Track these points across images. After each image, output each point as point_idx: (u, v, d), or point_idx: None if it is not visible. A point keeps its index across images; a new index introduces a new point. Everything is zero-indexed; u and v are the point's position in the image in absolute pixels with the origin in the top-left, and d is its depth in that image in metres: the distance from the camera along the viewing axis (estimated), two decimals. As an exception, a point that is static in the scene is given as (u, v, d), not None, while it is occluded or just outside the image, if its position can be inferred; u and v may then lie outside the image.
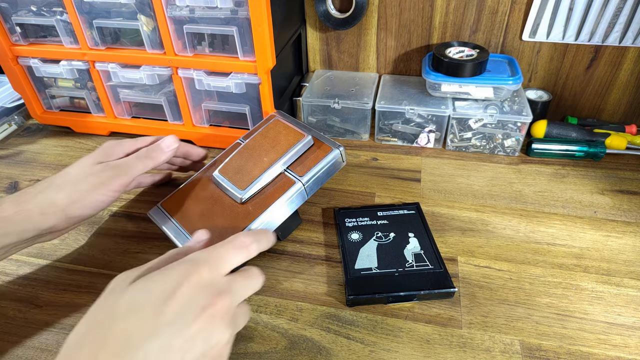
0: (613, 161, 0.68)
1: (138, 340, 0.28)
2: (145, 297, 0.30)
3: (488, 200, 0.61)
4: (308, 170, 0.51)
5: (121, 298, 0.30)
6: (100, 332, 0.29)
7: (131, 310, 0.29)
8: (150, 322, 0.29)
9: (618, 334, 0.44)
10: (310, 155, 0.53)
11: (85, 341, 0.29)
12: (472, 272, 0.51)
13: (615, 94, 0.75)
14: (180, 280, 0.31)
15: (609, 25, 0.69)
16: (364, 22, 0.78)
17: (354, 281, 0.48)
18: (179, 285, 0.30)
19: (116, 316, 0.29)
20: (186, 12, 0.61)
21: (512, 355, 0.42)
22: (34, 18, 0.66)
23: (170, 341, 0.29)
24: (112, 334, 0.28)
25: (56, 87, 0.75)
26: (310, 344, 0.43)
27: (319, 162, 0.52)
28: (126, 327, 0.29)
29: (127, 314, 0.29)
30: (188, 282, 0.31)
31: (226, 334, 0.32)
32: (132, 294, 0.30)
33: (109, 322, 0.29)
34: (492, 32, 0.74)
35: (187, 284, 0.31)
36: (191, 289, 0.31)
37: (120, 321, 0.29)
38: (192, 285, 0.31)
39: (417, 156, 0.70)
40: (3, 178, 0.67)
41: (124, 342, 0.28)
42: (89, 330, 0.30)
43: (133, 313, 0.29)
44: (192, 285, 0.31)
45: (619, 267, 0.51)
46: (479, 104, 0.70)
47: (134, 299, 0.30)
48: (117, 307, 0.30)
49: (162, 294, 0.30)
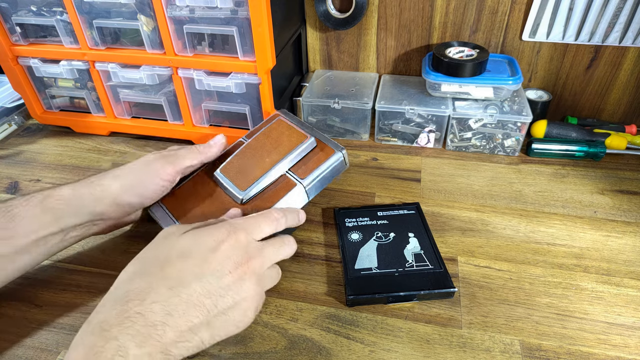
0: (613, 161, 0.68)
1: (187, 280, 0.34)
2: (196, 247, 0.36)
3: (488, 200, 0.61)
4: (310, 172, 0.51)
5: (176, 245, 0.36)
6: (156, 269, 0.35)
7: (183, 256, 0.35)
8: (197, 267, 0.35)
9: (618, 334, 0.44)
10: (312, 157, 0.52)
11: (143, 274, 0.35)
12: (472, 272, 0.51)
13: (615, 94, 0.75)
14: (222, 238, 0.37)
15: (609, 25, 0.69)
16: (364, 22, 0.78)
17: (354, 281, 0.48)
18: (221, 242, 0.37)
19: (171, 258, 0.35)
20: (186, 12, 0.61)
21: (512, 355, 0.42)
22: (34, 18, 0.66)
23: (210, 285, 0.35)
24: (167, 272, 0.34)
25: (56, 87, 0.75)
26: (310, 344, 0.43)
27: (322, 164, 0.51)
28: (179, 268, 0.35)
29: (180, 258, 0.35)
30: (228, 241, 0.37)
31: (252, 290, 0.37)
32: (184, 242, 0.36)
33: (165, 262, 0.35)
34: (492, 32, 0.74)
35: (228, 242, 0.37)
36: (230, 247, 0.37)
37: (175, 263, 0.35)
38: (231, 244, 0.37)
39: (417, 156, 0.70)
40: (3, 178, 0.67)
41: (176, 279, 0.34)
42: (147, 267, 0.35)
43: (185, 258, 0.35)
44: (231, 244, 0.37)
45: (619, 267, 0.51)
46: (479, 104, 0.70)
47: (186, 246, 0.36)
48: (173, 251, 0.36)
49: (208, 247, 0.36)
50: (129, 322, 0.31)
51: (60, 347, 0.44)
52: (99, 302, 0.48)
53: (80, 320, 0.46)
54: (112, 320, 0.31)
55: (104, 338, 0.30)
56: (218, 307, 0.35)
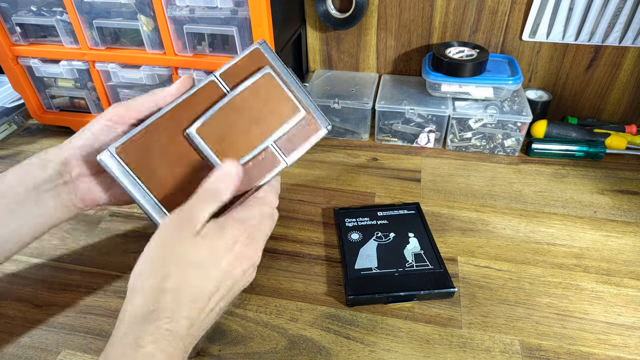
0: (613, 161, 0.68)
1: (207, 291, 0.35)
2: (212, 259, 0.36)
3: (488, 200, 0.61)
4: (295, 150, 0.47)
5: (191, 253, 0.36)
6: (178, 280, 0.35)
7: (201, 267, 0.36)
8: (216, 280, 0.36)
9: (618, 334, 0.44)
10: (299, 132, 0.47)
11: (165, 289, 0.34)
12: (472, 272, 0.51)
13: (615, 94, 0.75)
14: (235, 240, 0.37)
15: (609, 25, 0.69)
16: (364, 22, 0.78)
17: (354, 281, 0.48)
18: (234, 244, 0.37)
19: (188, 269, 0.35)
20: (186, 12, 0.61)
21: (512, 355, 0.42)
22: (34, 18, 0.66)
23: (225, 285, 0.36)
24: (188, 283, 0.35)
25: (56, 87, 0.75)
26: (310, 344, 0.43)
27: (307, 142, 0.47)
28: (199, 282, 0.35)
29: (198, 269, 0.35)
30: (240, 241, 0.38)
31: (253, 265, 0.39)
32: (201, 253, 0.36)
33: (184, 274, 0.35)
34: (492, 32, 0.74)
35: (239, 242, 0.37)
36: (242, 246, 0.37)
37: (194, 275, 0.35)
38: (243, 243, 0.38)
39: (417, 156, 0.70)
40: (3, 178, 0.67)
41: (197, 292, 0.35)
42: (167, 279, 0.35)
43: (204, 270, 0.36)
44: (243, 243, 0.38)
45: (619, 267, 0.51)
46: (479, 104, 0.70)
47: (203, 258, 0.36)
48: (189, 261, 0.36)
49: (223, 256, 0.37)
50: (163, 340, 0.33)
51: (60, 347, 0.44)
52: (98, 302, 0.48)
53: (80, 320, 0.46)
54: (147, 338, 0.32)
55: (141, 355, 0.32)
56: (229, 296, 0.37)
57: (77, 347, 0.44)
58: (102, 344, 0.44)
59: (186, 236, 0.37)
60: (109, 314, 0.47)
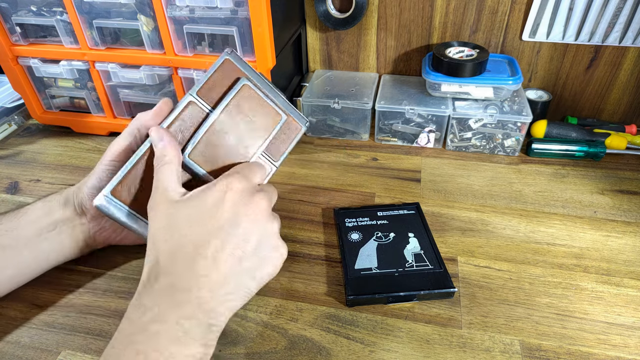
0: (613, 161, 0.68)
1: (203, 244, 0.35)
2: (200, 208, 0.36)
3: (488, 200, 0.61)
4: (282, 153, 0.48)
5: (178, 214, 0.36)
6: (170, 243, 0.35)
7: (192, 223, 0.36)
8: (210, 225, 0.35)
9: (618, 334, 0.44)
10: (282, 134, 0.49)
11: (159, 251, 0.35)
12: (472, 272, 0.51)
13: (615, 94, 0.75)
14: (223, 189, 0.37)
15: (609, 25, 0.69)
16: (364, 22, 0.78)
17: (354, 281, 0.48)
18: (223, 193, 0.37)
19: (180, 230, 0.35)
20: (186, 12, 0.61)
21: (512, 355, 0.42)
22: (34, 18, 0.66)
23: (229, 236, 0.36)
24: (181, 244, 0.35)
25: (56, 87, 0.75)
26: (310, 344, 0.43)
27: (292, 142, 0.49)
28: (192, 237, 0.35)
29: (190, 227, 0.35)
30: (230, 190, 0.37)
31: (274, 224, 0.39)
32: (188, 210, 0.36)
33: (176, 236, 0.35)
34: (492, 32, 0.74)
35: (230, 191, 0.37)
36: (233, 193, 0.37)
37: (185, 233, 0.35)
38: (233, 191, 0.37)
39: (417, 156, 0.70)
40: (3, 178, 0.67)
41: (193, 248, 0.35)
42: (159, 244, 0.36)
43: (194, 225, 0.35)
44: (234, 191, 0.37)
45: (619, 267, 0.51)
46: (479, 104, 0.70)
47: (192, 212, 0.36)
48: (179, 222, 0.36)
49: (213, 203, 0.36)
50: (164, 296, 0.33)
51: (60, 347, 0.44)
52: (98, 302, 0.48)
53: (80, 320, 0.46)
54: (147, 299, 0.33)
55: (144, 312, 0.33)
56: (247, 253, 0.36)
57: (77, 348, 0.44)
58: (102, 344, 0.44)
59: (170, 207, 0.37)
60: (109, 314, 0.47)
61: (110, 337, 0.44)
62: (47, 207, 0.47)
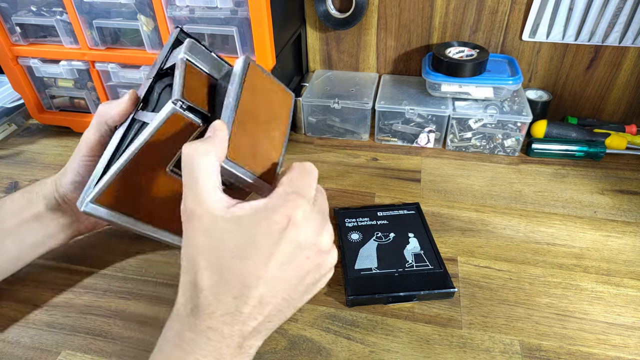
0: (613, 161, 0.68)
1: (249, 287, 0.30)
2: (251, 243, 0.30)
3: (488, 200, 0.61)
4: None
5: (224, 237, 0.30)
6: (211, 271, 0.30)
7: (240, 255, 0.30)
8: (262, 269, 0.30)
9: (618, 334, 0.44)
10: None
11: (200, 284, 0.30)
12: (472, 272, 0.51)
13: (615, 94, 0.75)
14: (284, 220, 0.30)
15: (609, 25, 0.69)
16: (364, 22, 0.78)
17: (354, 281, 0.48)
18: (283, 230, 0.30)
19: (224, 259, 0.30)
20: (186, 12, 0.61)
21: (512, 355, 0.42)
22: (34, 18, 0.66)
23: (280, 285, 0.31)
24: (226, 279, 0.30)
25: (56, 87, 0.75)
26: (310, 344, 0.43)
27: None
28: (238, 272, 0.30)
29: (237, 259, 0.30)
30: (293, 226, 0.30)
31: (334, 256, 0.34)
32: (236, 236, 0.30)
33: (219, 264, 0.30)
34: (492, 32, 0.74)
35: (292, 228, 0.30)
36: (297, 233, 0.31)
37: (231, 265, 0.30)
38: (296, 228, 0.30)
39: (417, 156, 0.70)
40: (3, 178, 0.67)
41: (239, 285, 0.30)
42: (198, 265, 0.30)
43: (243, 258, 0.30)
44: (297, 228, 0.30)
45: (619, 267, 0.51)
46: (479, 104, 0.70)
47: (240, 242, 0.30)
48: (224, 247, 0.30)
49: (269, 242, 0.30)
50: (204, 339, 0.30)
51: (60, 347, 0.44)
52: (98, 302, 0.48)
53: (80, 320, 0.46)
54: (187, 336, 0.30)
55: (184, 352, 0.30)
56: (297, 294, 0.32)
57: (77, 348, 0.44)
58: (102, 344, 0.44)
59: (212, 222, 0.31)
60: (109, 314, 0.47)
61: (110, 337, 0.44)
62: (26, 198, 0.46)
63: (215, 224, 0.30)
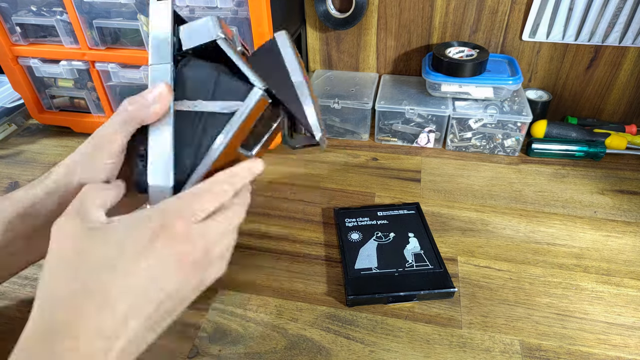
0: (613, 161, 0.68)
1: (115, 297, 0.28)
2: (120, 253, 0.29)
3: (488, 200, 0.61)
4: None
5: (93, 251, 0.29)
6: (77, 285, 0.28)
7: (107, 266, 0.28)
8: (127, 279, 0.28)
9: (618, 334, 0.44)
10: None
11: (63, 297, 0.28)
12: (472, 272, 0.51)
13: (615, 94, 0.75)
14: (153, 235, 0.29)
15: (609, 25, 0.69)
16: (364, 22, 0.78)
17: (354, 281, 0.48)
18: (152, 241, 0.29)
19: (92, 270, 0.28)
20: (186, 12, 0.61)
21: (512, 355, 0.42)
22: (34, 18, 0.66)
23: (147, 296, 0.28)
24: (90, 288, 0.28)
25: (56, 87, 0.75)
26: (310, 344, 0.43)
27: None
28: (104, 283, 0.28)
29: (104, 270, 0.28)
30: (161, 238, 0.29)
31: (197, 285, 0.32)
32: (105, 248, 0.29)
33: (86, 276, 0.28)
34: (492, 32, 0.74)
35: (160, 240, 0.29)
36: (163, 246, 0.29)
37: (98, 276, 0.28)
38: (164, 243, 0.29)
39: (417, 156, 0.70)
40: (3, 178, 0.67)
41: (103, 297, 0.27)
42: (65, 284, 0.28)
43: (109, 270, 0.28)
44: (165, 242, 0.29)
45: (619, 267, 0.51)
46: (479, 104, 0.70)
47: (109, 254, 0.29)
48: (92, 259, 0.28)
49: (136, 250, 0.29)
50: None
51: (60, 347, 0.44)
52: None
53: (80, 320, 0.46)
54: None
55: None
56: (160, 313, 0.30)
57: (77, 347, 0.43)
58: (102, 344, 0.44)
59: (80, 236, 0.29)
60: (109, 314, 0.47)
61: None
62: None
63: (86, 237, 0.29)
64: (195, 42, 0.36)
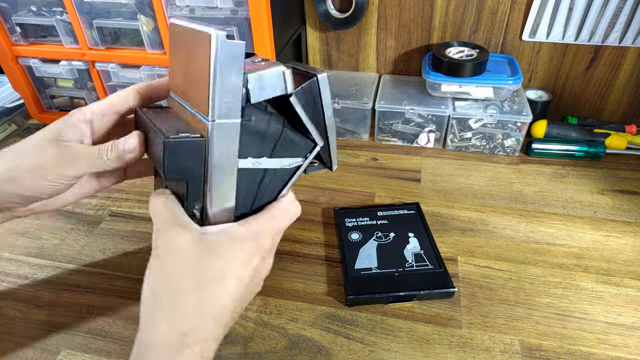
0: (613, 161, 0.68)
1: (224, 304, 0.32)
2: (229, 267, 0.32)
3: (488, 200, 0.61)
4: None
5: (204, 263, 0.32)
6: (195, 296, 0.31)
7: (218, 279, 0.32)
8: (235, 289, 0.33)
9: (618, 334, 0.44)
10: None
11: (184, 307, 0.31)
12: (472, 272, 0.51)
13: (615, 94, 0.75)
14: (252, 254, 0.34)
15: (609, 25, 0.69)
16: (364, 22, 0.78)
17: (354, 281, 0.48)
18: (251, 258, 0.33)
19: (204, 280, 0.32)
20: (186, 12, 0.61)
21: (512, 355, 0.42)
22: (34, 18, 0.66)
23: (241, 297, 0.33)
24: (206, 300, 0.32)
25: (56, 87, 0.75)
26: (310, 344, 0.43)
27: None
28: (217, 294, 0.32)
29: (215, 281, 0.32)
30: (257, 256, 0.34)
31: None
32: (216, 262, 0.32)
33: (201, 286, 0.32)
34: (492, 32, 0.74)
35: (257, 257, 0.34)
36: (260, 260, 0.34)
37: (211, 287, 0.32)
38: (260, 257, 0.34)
39: (417, 156, 0.70)
40: (3, 178, 0.67)
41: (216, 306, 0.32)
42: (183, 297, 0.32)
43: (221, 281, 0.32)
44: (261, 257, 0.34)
45: (619, 267, 0.51)
46: (479, 104, 0.70)
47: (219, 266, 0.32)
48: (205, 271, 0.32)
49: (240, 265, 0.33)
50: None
51: (60, 347, 0.44)
52: (98, 302, 0.48)
53: (80, 320, 0.46)
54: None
55: None
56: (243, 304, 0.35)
57: (77, 347, 0.44)
58: (102, 344, 0.44)
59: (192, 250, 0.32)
60: (109, 314, 0.47)
61: (110, 337, 0.44)
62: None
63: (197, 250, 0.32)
64: (266, 96, 0.33)
